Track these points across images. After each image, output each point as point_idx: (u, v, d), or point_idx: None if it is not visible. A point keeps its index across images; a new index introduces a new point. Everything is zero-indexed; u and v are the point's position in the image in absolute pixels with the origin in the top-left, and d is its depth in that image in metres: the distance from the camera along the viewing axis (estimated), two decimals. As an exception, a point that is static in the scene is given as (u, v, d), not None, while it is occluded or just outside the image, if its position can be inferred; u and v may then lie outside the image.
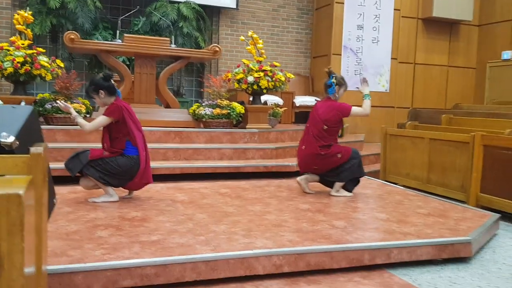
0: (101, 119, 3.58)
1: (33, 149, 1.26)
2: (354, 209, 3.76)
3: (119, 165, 3.55)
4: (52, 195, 1.73)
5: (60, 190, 3.97)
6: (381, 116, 8.70)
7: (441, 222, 3.43)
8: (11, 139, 1.38)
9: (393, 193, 4.56)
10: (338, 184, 4.22)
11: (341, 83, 4.26)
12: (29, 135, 1.51)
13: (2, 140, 1.38)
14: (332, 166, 4.14)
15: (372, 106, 8.43)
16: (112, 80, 3.70)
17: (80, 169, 3.51)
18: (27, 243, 0.94)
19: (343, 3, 8.37)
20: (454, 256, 2.99)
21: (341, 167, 4.15)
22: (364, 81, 4.36)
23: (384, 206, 3.94)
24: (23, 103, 5.07)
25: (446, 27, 9.26)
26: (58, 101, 3.81)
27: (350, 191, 4.28)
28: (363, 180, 5.03)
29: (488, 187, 4.44)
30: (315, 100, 4.70)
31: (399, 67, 8.90)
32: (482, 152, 4.50)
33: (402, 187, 5.05)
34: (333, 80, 4.23)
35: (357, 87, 4.42)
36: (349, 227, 3.18)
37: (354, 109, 4.18)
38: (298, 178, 4.35)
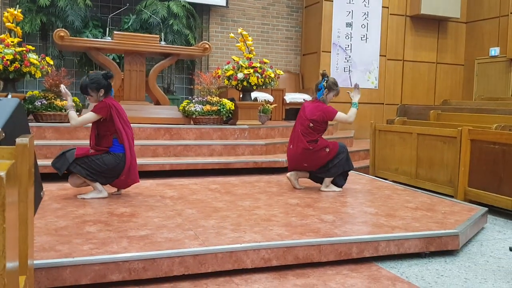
0: (88, 116, 3.58)
1: (18, 140, 1.27)
2: (343, 204, 3.79)
3: (104, 163, 3.55)
4: (39, 188, 1.74)
5: (49, 187, 3.96)
6: (371, 112, 8.76)
7: (429, 215, 3.46)
8: (-4, 131, 1.39)
9: (382, 188, 4.60)
10: (327, 180, 4.25)
11: (332, 87, 4.27)
12: (15, 127, 1.51)
13: (-13, 132, 1.38)
14: (321, 162, 4.17)
15: (361, 103, 8.60)
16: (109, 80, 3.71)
17: (66, 167, 3.51)
18: (12, 231, 0.95)
19: (332, 1, 8.42)
20: (441, 249, 3.02)
21: (330, 163, 4.18)
22: (356, 87, 4.38)
23: (373, 201, 3.97)
24: (9, 96, 5.04)
25: (434, 24, 9.34)
26: (61, 85, 3.79)
27: (340, 186, 4.31)
28: (353, 175, 5.08)
29: (475, 181, 4.49)
30: (303, 100, 4.74)
31: (388, 64, 8.97)
32: (470, 147, 4.56)
33: (391, 182, 5.09)
34: (324, 83, 4.25)
35: (348, 92, 4.44)
36: (337, 221, 3.20)
37: (339, 114, 4.21)
38: (288, 174, 4.37)
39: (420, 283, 2.57)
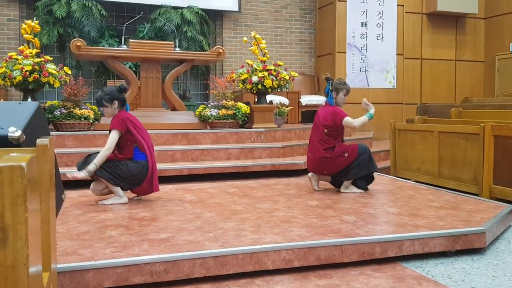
0: (113, 135, 3.62)
1: (39, 141, 1.28)
2: (364, 205, 3.73)
3: (128, 169, 3.61)
4: (60, 190, 1.75)
5: (70, 194, 4.01)
6: (389, 112, 8.65)
7: (454, 214, 3.38)
8: (18, 133, 1.40)
9: (404, 188, 4.52)
10: (347, 181, 4.19)
11: (338, 87, 4.18)
12: (35, 129, 1.52)
13: (10, 134, 1.39)
14: (342, 167, 4.11)
15: (379, 103, 8.54)
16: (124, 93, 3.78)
17: None
18: (34, 229, 0.95)
19: (345, 1, 8.37)
20: (467, 247, 2.95)
21: (350, 166, 4.11)
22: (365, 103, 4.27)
23: (395, 201, 3.91)
24: (29, 99, 5.13)
25: (452, 21, 9.20)
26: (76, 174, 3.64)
27: (362, 188, 4.23)
28: (374, 176, 5.02)
29: (501, 178, 4.38)
30: (319, 103, 4.70)
31: (405, 63, 8.86)
32: (493, 143, 4.45)
33: (413, 182, 5.00)
34: (330, 86, 4.20)
35: (365, 102, 4.27)
36: (359, 221, 3.15)
37: (347, 118, 4.10)
38: (310, 174, 4.32)
39: (447, 281, 2.50)
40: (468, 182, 4.75)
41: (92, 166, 3.52)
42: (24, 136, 1.43)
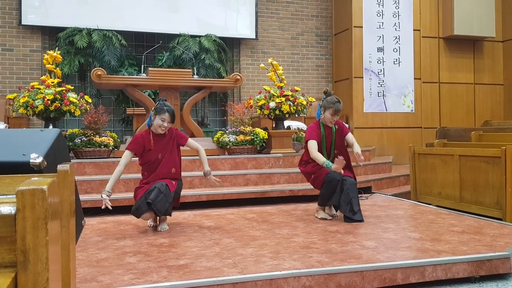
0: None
1: (59, 167, 1.30)
2: (385, 230, 3.66)
3: (180, 189, 3.77)
4: (80, 216, 1.76)
5: (90, 221, 4.04)
6: (408, 136, 8.57)
7: (477, 239, 3.29)
8: (39, 159, 1.43)
9: (425, 213, 4.43)
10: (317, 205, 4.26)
11: (326, 105, 3.94)
12: (56, 155, 1.55)
13: (31, 160, 1.42)
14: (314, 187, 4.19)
15: (398, 127, 8.44)
16: None
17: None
18: (54, 254, 0.96)
19: (361, 27, 8.43)
20: (492, 273, 2.86)
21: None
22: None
23: (417, 226, 3.83)
24: (51, 126, 5.24)
25: (469, 45, 9.17)
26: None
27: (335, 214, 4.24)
28: (394, 201, 4.99)
29: (524, 202, 4.27)
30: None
31: (423, 87, 8.81)
32: (515, 166, 4.35)
33: (434, 207, 4.91)
34: (321, 102, 4.04)
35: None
36: (380, 247, 3.09)
37: (311, 142, 3.89)
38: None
39: (473, 309, 2.42)
40: (490, 206, 4.63)
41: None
42: (45, 163, 1.45)
